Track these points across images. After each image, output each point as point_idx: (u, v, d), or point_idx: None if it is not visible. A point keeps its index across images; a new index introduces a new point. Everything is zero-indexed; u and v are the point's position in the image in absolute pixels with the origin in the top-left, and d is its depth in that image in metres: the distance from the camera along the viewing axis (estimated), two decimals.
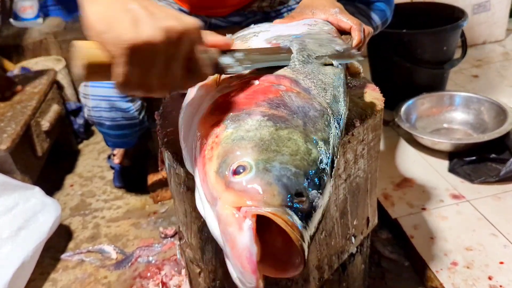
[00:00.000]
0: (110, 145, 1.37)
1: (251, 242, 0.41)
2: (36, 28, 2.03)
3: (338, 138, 0.55)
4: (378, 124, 0.80)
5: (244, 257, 0.41)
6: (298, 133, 0.49)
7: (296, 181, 0.45)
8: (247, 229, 0.41)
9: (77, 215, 1.45)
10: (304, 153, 0.48)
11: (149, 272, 1.19)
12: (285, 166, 0.46)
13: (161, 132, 0.75)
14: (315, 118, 0.52)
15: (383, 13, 1.18)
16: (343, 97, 0.61)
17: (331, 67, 0.64)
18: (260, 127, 0.49)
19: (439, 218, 1.20)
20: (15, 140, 1.26)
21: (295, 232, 0.43)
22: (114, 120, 1.17)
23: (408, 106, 1.58)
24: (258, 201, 0.43)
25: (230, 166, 0.46)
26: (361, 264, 0.95)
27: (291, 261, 0.46)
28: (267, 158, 0.46)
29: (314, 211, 0.46)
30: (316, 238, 0.74)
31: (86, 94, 1.14)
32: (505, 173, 1.27)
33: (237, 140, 0.48)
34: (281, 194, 0.44)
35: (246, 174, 0.45)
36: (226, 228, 0.43)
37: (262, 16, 1.15)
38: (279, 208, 0.43)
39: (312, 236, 0.47)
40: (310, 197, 0.46)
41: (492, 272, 1.03)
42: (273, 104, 0.52)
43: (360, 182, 0.81)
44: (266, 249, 0.45)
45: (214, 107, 0.54)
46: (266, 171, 0.45)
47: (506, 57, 2.11)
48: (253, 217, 0.42)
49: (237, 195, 0.44)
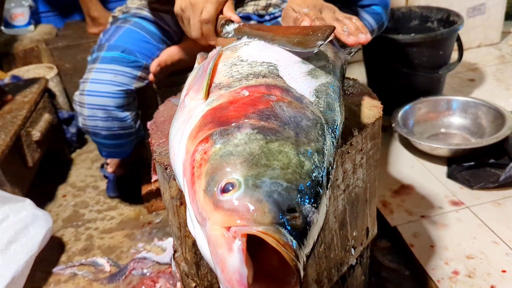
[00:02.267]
0: (104, 155, 1.34)
1: (242, 264, 0.39)
2: (27, 36, 2.01)
3: (333, 147, 0.52)
4: (377, 132, 0.78)
5: (235, 280, 0.39)
6: (289, 144, 0.47)
7: (288, 196, 0.43)
8: (237, 251, 0.39)
9: (70, 226, 1.42)
10: (296, 166, 0.45)
11: (144, 285, 1.16)
12: (276, 181, 0.43)
13: (153, 143, 0.73)
14: (308, 128, 0.50)
15: (379, 17, 1.17)
16: (339, 105, 0.59)
17: (324, 74, 0.62)
18: (249, 141, 0.47)
19: (439, 226, 1.18)
20: (5, 151, 1.23)
21: (289, 251, 0.40)
22: (110, 129, 1.15)
23: (405, 111, 1.57)
24: (248, 220, 0.41)
25: (218, 184, 0.44)
26: (361, 275, 0.93)
27: (287, 280, 0.43)
28: (257, 174, 0.44)
29: (309, 227, 0.44)
30: (315, 251, 0.71)
31: (82, 103, 1.11)
32: (504, 178, 1.26)
33: (225, 156, 0.46)
34: (272, 211, 0.42)
35: (235, 192, 0.43)
36: (215, 250, 0.41)
37: (257, 20, 1.13)
38: (270, 226, 0.41)
39: (309, 253, 0.44)
40: (304, 212, 0.43)
41: (495, 281, 1.01)
42: (263, 115, 0.50)
43: (359, 192, 0.78)
44: (261, 268, 0.43)
45: (202, 121, 0.52)
46: (256, 188, 0.43)
47: (502, 60, 2.10)
48: (243, 237, 0.40)
49: (226, 215, 0.42)
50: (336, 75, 0.64)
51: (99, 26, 1.91)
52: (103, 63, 1.11)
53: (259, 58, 0.63)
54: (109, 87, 1.09)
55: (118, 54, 1.11)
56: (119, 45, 1.12)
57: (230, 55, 0.66)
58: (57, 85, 1.85)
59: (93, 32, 1.95)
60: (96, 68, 1.11)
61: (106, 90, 1.09)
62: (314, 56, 0.65)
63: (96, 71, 1.11)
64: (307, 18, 0.74)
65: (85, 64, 1.17)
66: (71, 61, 1.90)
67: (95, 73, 1.11)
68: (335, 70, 0.66)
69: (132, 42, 1.14)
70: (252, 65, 0.62)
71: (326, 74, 0.63)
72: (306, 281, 0.73)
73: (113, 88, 1.10)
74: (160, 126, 0.78)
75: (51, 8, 2.19)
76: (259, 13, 1.13)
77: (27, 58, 1.94)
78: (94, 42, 1.72)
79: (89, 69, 1.13)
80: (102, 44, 1.15)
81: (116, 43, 1.13)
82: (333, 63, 0.66)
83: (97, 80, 1.10)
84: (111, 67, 1.10)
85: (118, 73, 1.10)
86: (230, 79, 0.59)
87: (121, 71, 1.11)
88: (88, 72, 1.13)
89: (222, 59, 0.66)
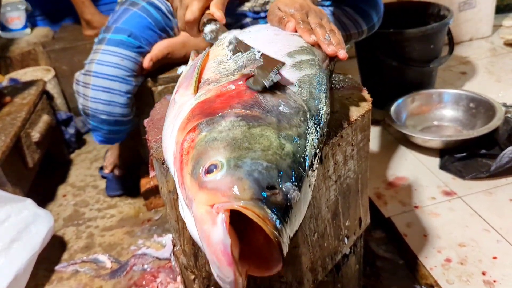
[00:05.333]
0: (98, 141, 1.31)
1: (225, 235, 0.41)
2: (24, 39, 2.03)
3: (317, 133, 0.55)
4: (367, 124, 0.81)
5: (219, 251, 0.41)
6: (271, 129, 0.50)
7: (268, 175, 0.45)
8: (220, 223, 0.42)
9: (71, 225, 1.45)
10: (277, 148, 0.48)
11: (145, 280, 1.18)
12: (257, 161, 0.46)
13: (150, 140, 0.75)
14: (290, 115, 0.53)
15: (370, 18, 1.18)
16: (323, 95, 0.61)
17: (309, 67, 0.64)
18: (233, 127, 0.50)
19: (432, 215, 1.21)
20: (5, 152, 1.25)
21: (269, 224, 0.43)
22: (110, 114, 1.15)
23: (398, 105, 1.59)
24: (229, 197, 0.44)
25: (202, 167, 0.46)
26: (355, 264, 0.95)
27: (272, 257, 0.46)
28: (239, 156, 0.46)
29: (289, 204, 0.46)
30: (308, 240, 0.74)
31: (86, 83, 1.11)
32: (495, 168, 1.28)
33: (210, 141, 0.49)
34: (252, 188, 0.44)
35: (217, 172, 0.45)
36: (201, 226, 0.43)
37: (252, 17, 1.15)
38: (250, 201, 0.43)
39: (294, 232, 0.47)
40: (284, 189, 0.46)
41: (486, 267, 1.04)
42: (247, 105, 0.53)
43: (351, 183, 0.81)
44: (249, 249, 0.46)
45: (191, 114, 0.54)
46: (237, 167, 0.45)
47: (493, 53, 2.13)
48: (226, 211, 0.42)
49: (210, 193, 0.44)
50: (321, 68, 0.66)
51: (94, 29, 1.93)
52: (110, 45, 1.11)
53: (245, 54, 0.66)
54: (116, 70, 1.10)
55: (125, 38, 1.11)
56: (126, 28, 1.13)
57: (219, 52, 0.69)
58: (55, 87, 1.87)
59: (88, 34, 1.97)
60: (103, 50, 1.11)
61: (113, 74, 1.09)
62: (300, 50, 0.67)
63: (103, 52, 1.10)
64: (292, 19, 0.74)
65: (82, 66, 1.18)
66: (68, 63, 1.93)
67: (102, 54, 1.10)
68: (321, 63, 0.68)
69: (138, 27, 1.14)
70: (237, 61, 0.64)
71: (310, 66, 0.65)
72: (301, 269, 0.75)
73: (120, 72, 1.10)
74: (157, 123, 0.81)
75: (47, 12, 2.21)
76: (255, 10, 1.15)
77: (25, 61, 1.96)
78: (90, 44, 1.75)
79: (95, 49, 1.13)
80: (109, 26, 1.15)
81: (123, 25, 1.13)
82: (319, 57, 0.69)
83: (104, 62, 1.10)
84: (118, 50, 1.10)
85: (124, 57, 1.11)
86: (218, 75, 0.62)
87: (127, 56, 1.11)
88: (94, 52, 1.13)
89: (211, 56, 0.69)
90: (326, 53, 0.69)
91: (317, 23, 0.72)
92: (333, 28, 0.73)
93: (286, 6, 0.77)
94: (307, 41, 0.71)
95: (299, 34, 0.72)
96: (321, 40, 0.69)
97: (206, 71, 0.64)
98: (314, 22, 0.73)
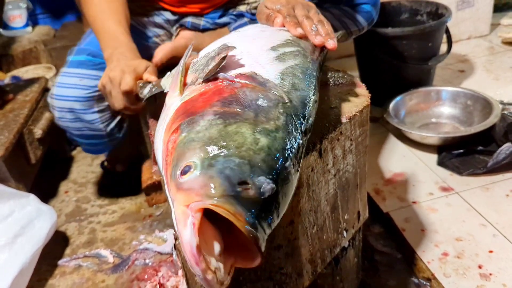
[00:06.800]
0: (84, 150, 1.37)
1: (192, 236, 0.42)
2: (26, 37, 2.04)
3: (300, 123, 0.55)
4: (365, 120, 0.82)
5: (188, 251, 0.43)
6: (247, 125, 0.50)
7: (240, 171, 0.46)
8: (189, 224, 0.43)
9: (73, 221, 1.46)
10: (251, 144, 0.49)
11: (146, 274, 1.20)
12: (229, 159, 0.47)
13: (153, 135, 0.77)
14: (268, 108, 0.53)
15: (369, 14, 1.20)
16: (308, 84, 0.61)
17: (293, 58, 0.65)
18: (210, 126, 0.51)
19: (430, 211, 1.22)
20: (9, 148, 1.26)
21: (240, 219, 0.44)
22: (79, 130, 1.18)
23: (396, 102, 1.61)
24: (202, 196, 0.45)
25: (179, 168, 0.48)
26: (353, 257, 0.97)
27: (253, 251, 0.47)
28: (213, 155, 0.47)
29: (263, 197, 0.46)
30: (308, 232, 0.76)
31: (52, 105, 1.15)
32: (492, 164, 1.30)
33: (188, 143, 0.50)
34: (223, 185, 0.45)
35: (192, 173, 0.46)
36: (178, 227, 0.45)
37: (250, 18, 1.17)
38: (221, 198, 0.44)
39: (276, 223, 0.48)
40: (256, 183, 0.46)
41: (482, 261, 1.06)
42: (226, 102, 0.54)
43: (350, 177, 0.83)
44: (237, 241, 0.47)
45: (175, 114, 0.56)
46: (210, 167, 0.46)
47: (492, 52, 2.14)
48: (199, 211, 0.44)
49: (185, 194, 0.46)
50: (307, 58, 0.66)
51: None
52: (70, 67, 1.13)
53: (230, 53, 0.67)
54: (75, 91, 1.11)
55: (84, 58, 1.13)
56: (87, 48, 1.14)
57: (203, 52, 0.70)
58: None
59: None
60: (63, 73, 1.14)
61: (72, 94, 1.12)
62: (285, 43, 0.69)
63: (63, 75, 1.13)
64: (279, 14, 0.75)
65: None
66: None
67: (62, 77, 1.13)
68: (306, 53, 0.68)
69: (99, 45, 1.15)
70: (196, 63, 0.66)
71: (294, 57, 0.65)
72: (300, 261, 0.77)
73: (79, 92, 1.11)
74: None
75: (48, 10, 2.23)
76: (252, 12, 1.17)
77: (26, 59, 1.98)
78: None
79: (59, 73, 1.16)
80: (73, 48, 1.18)
81: (85, 46, 1.15)
82: (305, 47, 0.69)
83: (63, 84, 1.12)
84: (77, 71, 1.12)
85: (83, 77, 1.12)
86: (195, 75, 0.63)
87: (87, 74, 1.12)
88: (57, 75, 1.16)
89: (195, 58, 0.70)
90: (314, 44, 0.70)
91: (304, 15, 0.73)
92: (321, 19, 0.74)
93: (273, 3, 0.78)
94: (293, 34, 0.72)
95: (286, 29, 0.74)
96: (308, 31, 0.70)
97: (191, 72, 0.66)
98: (301, 14, 0.74)
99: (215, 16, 1.15)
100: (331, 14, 1.16)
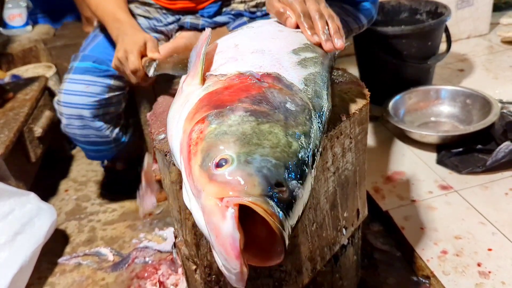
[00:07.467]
0: (88, 157, 1.38)
1: (234, 229, 0.43)
2: (26, 36, 2.04)
3: (320, 131, 0.57)
4: (365, 118, 0.83)
5: (228, 244, 0.43)
6: (279, 126, 0.51)
7: (276, 172, 0.47)
8: (230, 217, 0.43)
9: (73, 219, 1.47)
10: (285, 146, 0.50)
11: (146, 272, 1.20)
12: (266, 158, 0.48)
13: (153, 132, 0.77)
14: (296, 113, 0.54)
15: (369, 12, 1.20)
16: (326, 93, 0.63)
17: (313, 65, 0.66)
18: (242, 122, 0.51)
19: (429, 209, 1.23)
20: (9, 147, 1.27)
21: (275, 220, 0.45)
22: (87, 137, 1.20)
23: (396, 101, 1.61)
24: (239, 192, 0.45)
25: (213, 160, 0.48)
26: (353, 255, 0.97)
27: (273, 250, 0.48)
28: (249, 151, 0.48)
29: (294, 201, 0.48)
30: (307, 230, 0.76)
31: (60, 112, 1.17)
32: (491, 163, 1.30)
33: (220, 135, 0.50)
34: (262, 184, 0.46)
35: (228, 167, 0.47)
36: (210, 218, 0.45)
37: (249, 17, 1.17)
38: (259, 197, 0.45)
39: (294, 225, 0.48)
40: (290, 187, 0.48)
41: (481, 259, 1.06)
42: (255, 100, 0.54)
43: (349, 175, 0.83)
44: (250, 240, 0.47)
45: (199, 104, 0.56)
46: (247, 163, 0.47)
47: (491, 51, 2.15)
48: (235, 206, 0.44)
49: (220, 187, 0.46)
50: (324, 66, 0.68)
51: (93, 26, 1.95)
52: (76, 74, 1.14)
53: (250, 48, 0.68)
54: (82, 98, 1.13)
55: (90, 65, 1.14)
56: (92, 55, 1.15)
57: (224, 43, 0.70)
58: (56, 84, 1.88)
59: (88, 31, 1.98)
60: (69, 79, 1.15)
61: (79, 102, 1.13)
62: (304, 48, 0.69)
63: (69, 81, 1.14)
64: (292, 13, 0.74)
65: None
66: (69, 60, 1.91)
67: (68, 83, 1.14)
68: (324, 61, 0.70)
69: (105, 52, 1.15)
70: (245, 54, 0.66)
71: (315, 64, 0.67)
72: (300, 258, 0.77)
73: (86, 99, 1.13)
74: (159, 116, 0.83)
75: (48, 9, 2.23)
76: (250, 10, 1.17)
77: (26, 58, 1.97)
78: None
79: (64, 79, 1.17)
80: (77, 54, 1.19)
81: (90, 53, 1.16)
82: (322, 55, 0.71)
83: (70, 91, 1.14)
84: (83, 78, 1.13)
85: (89, 84, 1.13)
86: (225, 67, 0.64)
87: (93, 81, 1.13)
88: (63, 82, 1.17)
89: (215, 47, 0.70)
90: (324, 50, 0.71)
91: (317, 11, 0.73)
92: (331, 13, 0.74)
93: None
94: (310, 41, 0.73)
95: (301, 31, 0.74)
96: (322, 39, 0.71)
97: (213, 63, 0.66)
98: (313, 9, 0.74)
99: (210, 11, 1.15)
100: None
